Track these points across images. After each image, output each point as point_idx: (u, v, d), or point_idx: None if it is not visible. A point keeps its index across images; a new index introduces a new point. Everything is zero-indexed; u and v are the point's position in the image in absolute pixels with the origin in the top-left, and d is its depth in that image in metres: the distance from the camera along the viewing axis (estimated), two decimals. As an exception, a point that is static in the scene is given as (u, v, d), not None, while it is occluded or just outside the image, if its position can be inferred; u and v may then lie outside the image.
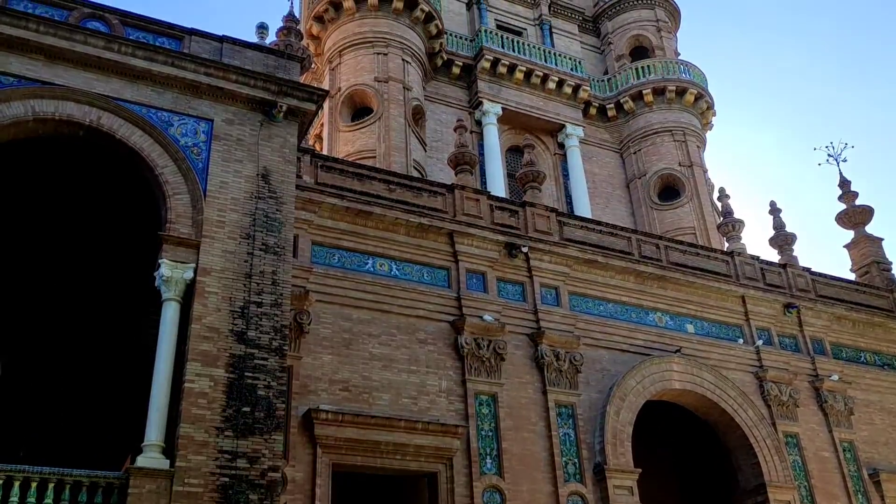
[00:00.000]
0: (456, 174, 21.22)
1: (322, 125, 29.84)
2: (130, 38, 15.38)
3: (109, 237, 17.71)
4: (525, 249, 19.89)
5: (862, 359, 24.12)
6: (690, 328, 21.66)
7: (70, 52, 14.55)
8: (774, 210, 26.35)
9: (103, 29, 15.27)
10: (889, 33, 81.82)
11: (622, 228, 22.88)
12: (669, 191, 32.75)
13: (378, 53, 29.06)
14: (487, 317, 18.67)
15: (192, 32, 16.26)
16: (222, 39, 16.48)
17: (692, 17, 79.61)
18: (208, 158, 15.10)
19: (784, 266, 24.14)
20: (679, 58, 35.79)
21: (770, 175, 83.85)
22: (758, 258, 23.79)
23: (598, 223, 22.46)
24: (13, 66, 14.19)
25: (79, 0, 15.48)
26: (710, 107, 34.77)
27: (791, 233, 25.63)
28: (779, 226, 25.90)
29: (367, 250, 18.31)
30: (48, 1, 15.17)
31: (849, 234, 28.17)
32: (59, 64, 14.59)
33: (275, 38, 20.45)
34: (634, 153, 33.58)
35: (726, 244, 25.08)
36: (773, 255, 25.27)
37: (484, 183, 29.43)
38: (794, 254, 25.14)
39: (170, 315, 13.74)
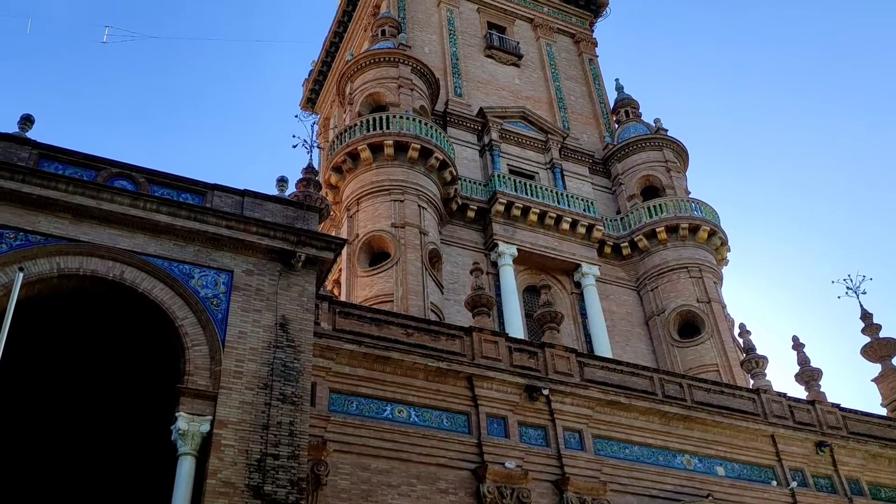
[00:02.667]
0: (473, 316, 21.24)
1: (340, 271, 30.24)
2: (155, 194, 15.91)
3: (126, 387, 17.64)
4: (546, 392, 19.58)
5: (903, 499, 23.03)
6: (721, 471, 20.91)
7: (97, 209, 15.04)
8: (798, 345, 25.99)
9: (130, 187, 15.83)
10: None
11: (644, 368, 22.57)
12: (689, 327, 32.51)
13: (395, 200, 29.82)
14: (509, 464, 18.16)
15: (215, 188, 16.81)
16: (244, 193, 17.02)
17: (702, 154, 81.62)
18: (227, 309, 15.25)
19: (813, 403, 23.54)
20: (690, 196, 36.42)
21: (790, 308, 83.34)
22: (785, 395, 23.26)
23: (619, 363, 22.18)
24: (41, 224, 14.65)
25: (107, 160, 16.16)
26: (724, 242, 35.04)
27: (817, 368, 25.16)
28: (804, 361, 25.47)
29: (385, 397, 18.08)
30: (78, 162, 15.84)
31: (876, 368, 27.59)
32: (86, 221, 15.05)
33: (294, 190, 21.07)
34: (651, 290, 33.61)
35: (751, 381, 24.60)
36: (799, 392, 24.73)
37: (502, 324, 29.39)
38: (822, 389, 24.58)
39: (185, 470, 13.48)
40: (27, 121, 16.29)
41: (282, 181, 18.46)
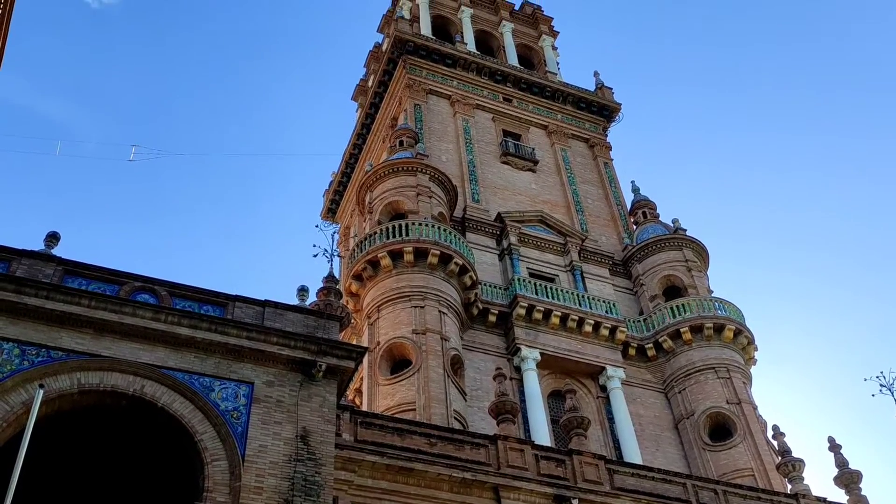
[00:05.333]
0: (498, 424, 20.78)
1: (362, 379, 29.93)
2: (177, 307, 16.00)
3: (144, 500, 17.24)
4: (575, 502, 18.88)
5: None
6: (763, 583, 19.85)
7: (118, 324, 15.11)
8: (834, 446, 25.09)
9: (152, 300, 15.94)
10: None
11: (676, 474, 21.82)
12: (721, 430, 31.55)
13: (415, 307, 29.74)
14: (540, 580, 17.35)
15: (236, 299, 16.89)
16: (264, 304, 17.07)
17: (724, 245, 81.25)
18: (248, 422, 15.05)
19: (855, 507, 22.54)
20: (713, 294, 36.08)
21: (823, 407, 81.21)
22: (825, 500, 22.31)
23: (650, 469, 21.47)
24: (63, 340, 14.70)
25: (130, 274, 16.35)
26: (751, 341, 34.40)
27: (856, 470, 24.17)
28: (842, 463, 24.52)
29: (409, 510, 17.50)
30: (101, 277, 16.03)
31: (918, 469, 26.54)
32: (108, 336, 15.09)
33: (315, 299, 21.10)
34: (679, 392, 32.85)
35: (788, 486, 23.67)
36: (839, 496, 23.69)
37: (527, 431, 28.71)
38: (863, 493, 23.56)
39: None
40: (53, 238, 16.61)
41: (302, 290, 18.52)
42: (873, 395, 28.11)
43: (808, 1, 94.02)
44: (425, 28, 47.12)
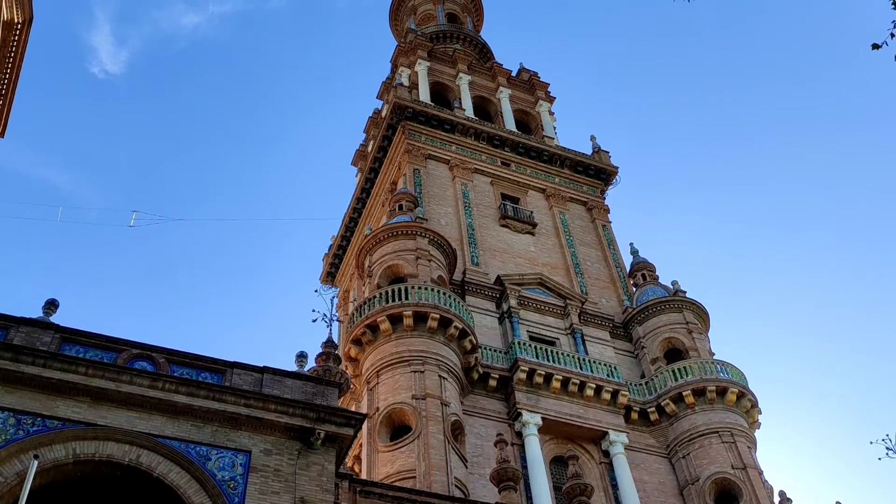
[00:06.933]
0: (500, 491, 20.46)
1: (361, 446, 29.49)
2: (175, 374, 15.92)
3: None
4: (580, 573, 18.45)
5: None
6: None
7: (115, 392, 15.00)
8: (843, 512, 24.66)
9: (150, 368, 15.85)
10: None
11: (682, 542, 21.34)
12: (727, 496, 30.92)
13: (415, 371, 29.48)
14: None
15: (235, 365, 16.79)
16: (263, 370, 16.97)
17: (723, 305, 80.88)
18: (245, 492, 14.83)
19: (867, 577, 22.00)
20: (715, 357, 35.83)
21: (828, 471, 79.92)
22: (836, 569, 21.79)
23: (655, 538, 21.00)
24: (59, 409, 14.57)
25: (128, 342, 16.28)
26: (755, 405, 34.01)
27: (866, 537, 23.72)
28: (851, 530, 24.07)
29: (409, 583, 17.07)
30: (99, 344, 15.99)
31: (930, 535, 25.96)
32: (104, 404, 14.97)
33: (314, 364, 20.95)
34: (683, 457, 32.33)
35: (798, 554, 23.14)
36: (851, 564, 23.16)
37: (529, 498, 28.18)
38: (875, 561, 23.05)
39: None
40: (51, 305, 16.60)
41: (301, 357, 18.42)
42: (880, 459, 27.67)
43: (807, 49, 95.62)
44: (424, 95, 47.92)
